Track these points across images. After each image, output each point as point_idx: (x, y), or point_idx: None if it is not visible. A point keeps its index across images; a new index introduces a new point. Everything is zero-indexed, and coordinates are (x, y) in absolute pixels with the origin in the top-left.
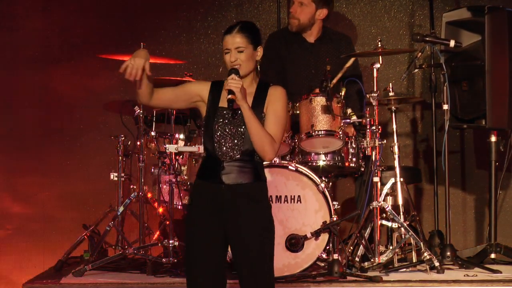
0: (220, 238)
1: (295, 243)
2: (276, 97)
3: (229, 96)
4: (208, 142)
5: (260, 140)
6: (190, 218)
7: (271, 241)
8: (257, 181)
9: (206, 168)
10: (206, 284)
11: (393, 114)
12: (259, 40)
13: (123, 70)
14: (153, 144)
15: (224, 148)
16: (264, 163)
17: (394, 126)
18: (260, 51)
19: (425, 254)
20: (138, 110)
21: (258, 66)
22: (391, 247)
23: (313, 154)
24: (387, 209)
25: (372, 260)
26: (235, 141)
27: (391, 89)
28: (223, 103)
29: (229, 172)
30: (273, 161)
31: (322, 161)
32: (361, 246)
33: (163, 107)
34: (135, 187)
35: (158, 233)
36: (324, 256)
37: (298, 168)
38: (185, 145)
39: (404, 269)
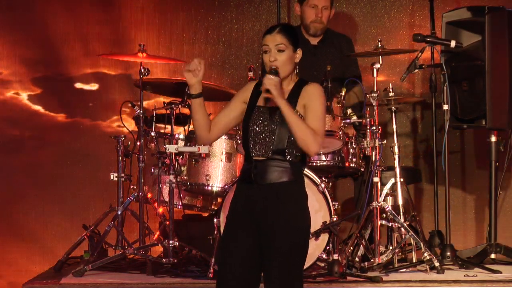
0: (252, 238)
1: None
2: (312, 95)
3: (265, 95)
4: (243, 141)
5: (303, 133)
6: (227, 217)
7: (301, 242)
8: (289, 181)
9: (242, 168)
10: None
11: (393, 114)
12: (298, 43)
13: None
14: (153, 144)
15: (258, 147)
16: None
17: (394, 126)
18: (299, 54)
19: (425, 254)
20: (138, 110)
21: (297, 68)
22: (391, 247)
23: None
24: (387, 209)
25: (372, 260)
26: (267, 140)
27: (391, 89)
28: (260, 102)
29: (261, 172)
30: None
31: (322, 161)
32: (361, 246)
33: (225, 133)
34: (135, 187)
35: (158, 233)
36: (324, 256)
37: None
38: (185, 145)
39: (404, 269)
